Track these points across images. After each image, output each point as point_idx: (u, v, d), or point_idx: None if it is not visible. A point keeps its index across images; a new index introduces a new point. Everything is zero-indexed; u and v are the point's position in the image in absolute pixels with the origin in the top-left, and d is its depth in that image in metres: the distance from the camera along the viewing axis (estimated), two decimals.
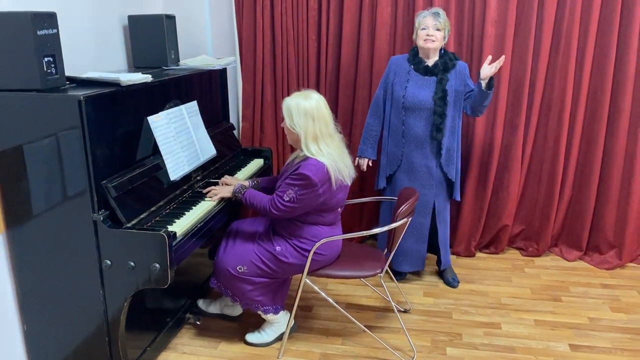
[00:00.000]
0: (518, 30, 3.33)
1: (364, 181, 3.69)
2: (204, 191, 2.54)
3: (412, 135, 3.02)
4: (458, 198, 3.20)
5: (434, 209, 3.13)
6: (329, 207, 2.43)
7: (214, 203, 2.49)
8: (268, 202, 2.38)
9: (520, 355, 2.60)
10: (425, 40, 2.90)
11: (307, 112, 2.31)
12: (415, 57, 3.02)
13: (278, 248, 2.45)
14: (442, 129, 2.96)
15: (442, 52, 3.00)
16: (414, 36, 3.00)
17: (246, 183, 2.71)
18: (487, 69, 2.78)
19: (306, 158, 2.35)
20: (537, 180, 3.59)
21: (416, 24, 2.96)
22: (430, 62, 2.98)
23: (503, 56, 2.80)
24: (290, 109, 2.34)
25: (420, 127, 3.00)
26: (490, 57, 2.81)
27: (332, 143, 2.39)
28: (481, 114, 3.02)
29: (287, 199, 2.32)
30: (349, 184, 2.47)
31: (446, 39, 2.96)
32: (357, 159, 3.23)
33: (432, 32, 2.88)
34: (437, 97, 2.93)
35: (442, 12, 2.91)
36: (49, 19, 1.96)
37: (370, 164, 3.23)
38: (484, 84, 2.82)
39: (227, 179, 2.68)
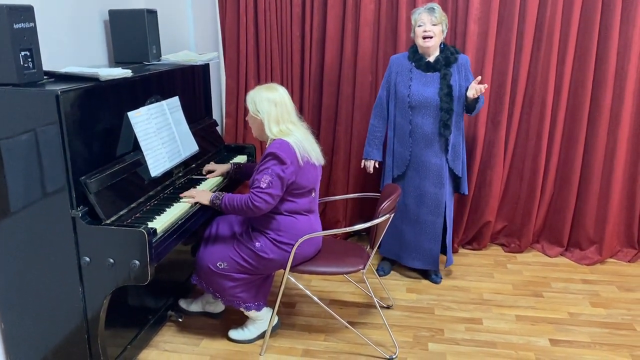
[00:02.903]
0: (501, 28, 3.35)
1: (349, 178, 3.70)
2: (181, 195, 2.47)
3: (420, 133, 3.01)
4: (466, 192, 3.21)
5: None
6: (300, 187, 2.42)
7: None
8: (248, 198, 2.36)
9: (501, 350, 2.62)
10: (424, 38, 2.89)
11: (269, 99, 2.40)
12: (415, 54, 3.00)
13: (258, 244, 2.44)
14: (450, 125, 2.95)
15: (442, 46, 2.99)
16: (412, 34, 2.99)
17: (227, 167, 2.82)
18: (475, 89, 2.80)
19: (271, 141, 2.39)
20: (519, 177, 3.62)
21: (413, 22, 2.95)
22: (431, 58, 2.97)
23: (486, 85, 2.83)
24: (254, 98, 2.43)
25: (429, 125, 2.98)
26: (480, 78, 2.84)
27: (295, 128, 2.43)
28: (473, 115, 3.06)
29: (265, 185, 2.32)
30: (317, 164, 2.48)
31: (445, 33, 2.96)
32: (362, 161, 3.23)
33: (429, 28, 2.87)
34: (443, 93, 2.92)
35: (437, 7, 2.90)
36: (26, 12, 1.93)
37: (377, 166, 3.22)
38: (469, 100, 2.88)
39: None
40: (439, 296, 3.13)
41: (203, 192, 2.49)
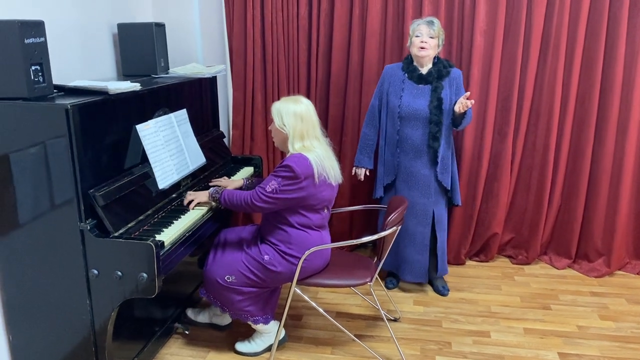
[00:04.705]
0: (506, 40, 3.36)
1: (354, 190, 3.70)
2: (184, 203, 2.51)
3: (409, 144, 3.02)
4: (459, 202, 3.21)
5: (433, 217, 3.14)
6: (312, 204, 2.42)
7: (203, 211, 2.48)
8: (249, 195, 2.38)
9: None
10: (419, 48, 2.91)
11: (296, 113, 2.39)
12: (409, 65, 3.03)
13: (266, 257, 2.44)
14: (439, 138, 2.96)
15: (436, 60, 3.01)
16: (408, 44, 3.01)
17: (240, 182, 2.82)
18: (462, 103, 2.80)
19: (291, 154, 2.39)
20: (526, 189, 3.61)
21: (410, 32, 2.98)
22: (424, 70, 2.99)
23: (473, 101, 2.82)
24: (281, 110, 2.41)
25: (418, 136, 3.00)
26: (468, 93, 2.84)
27: (318, 145, 2.43)
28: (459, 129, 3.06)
29: (270, 189, 2.33)
30: (334, 184, 2.47)
31: (440, 47, 2.98)
32: (354, 168, 3.24)
33: (426, 39, 2.90)
34: (433, 106, 2.94)
35: (436, 21, 2.93)
36: (37, 27, 1.95)
37: (368, 174, 3.23)
38: (456, 115, 2.89)
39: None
40: (446, 309, 3.11)
41: (200, 192, 2.53)
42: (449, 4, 3.37)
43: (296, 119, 2.38)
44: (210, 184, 2.80)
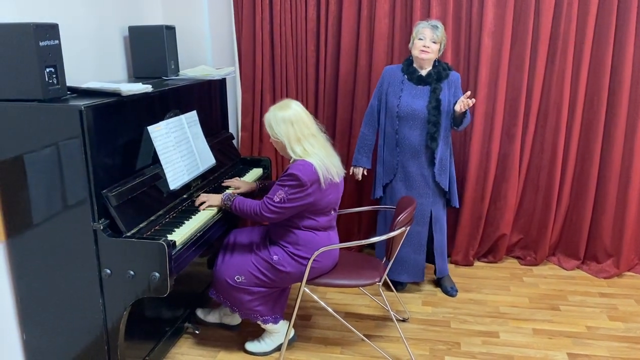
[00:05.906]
0: (514, 42, 3.36)
1: (361, 190, 3.71)
2: (196, 204, 2.53)
3: (407, 144, 3.04)
4: (457, 204, 3.22)
5: (431, 217, 3.15)
6: (320, 208, 2.44)
7: (213, 212, 2.50)
8: (258, 205, 2.40)
9: None
10: (421, 50, 2.93)
11: (284, 119, 2.39)
12: (409, 66, 3.05)
13: (275, 257, 2.46)
14: (437, 138, 2.98)
15: (436, 62, 3.03)
16: (410, 44, 3.03)
17: (253, 184, 2.84)
18: (463, 103, 2.81)
19: (295, 161, 2.40)
20: (534, 190, 3.61)
21: (414, 33, 2.99)
22: (423, 72, 3.01)
23: (474, 99, 2.84)
24: (270, 121, 2.42)
25: (415, 136, 3.02)
26: (469, 92, 2.86)
27: (316, 142, 2.43)
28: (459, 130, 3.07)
29: (278, 199, 2.35)
30: (338, 181, 2.48)
31: (441, 52, 2.99)
32: (352, 168, 3.26)
33: (428, 44, 2.91)
34: (431, 107, 2.96)
35: (440, 26, 2.94)
36: (51, 30, 1.98)
37: (365, 173, 3.25)
38: (456, 114, 2.90)
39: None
40: (455, 309, 3.12)
41: (213, 196, 2.54)
42: (457, 6, 3.38)
43: (287, 125, 2.38)
44: (224, 184, 2.83)
